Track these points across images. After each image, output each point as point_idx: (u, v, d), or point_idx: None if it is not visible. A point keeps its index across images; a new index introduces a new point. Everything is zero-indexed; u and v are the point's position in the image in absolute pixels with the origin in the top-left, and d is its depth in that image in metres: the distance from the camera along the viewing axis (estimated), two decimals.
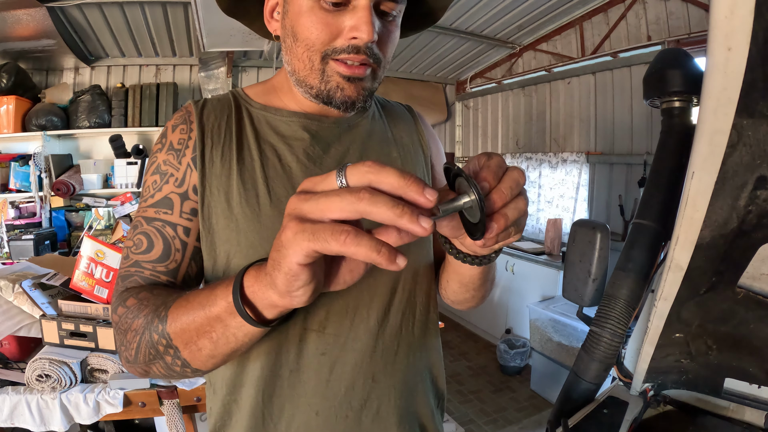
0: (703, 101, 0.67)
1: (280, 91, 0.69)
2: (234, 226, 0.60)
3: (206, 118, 0.64)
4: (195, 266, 0.64)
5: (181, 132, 0.63)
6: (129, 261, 0.61)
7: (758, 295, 0.81)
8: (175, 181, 0.62)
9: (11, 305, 1.42)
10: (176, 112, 0.66)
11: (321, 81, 0.60)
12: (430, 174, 0.78)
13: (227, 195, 0.61)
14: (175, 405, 1.32)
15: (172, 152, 0.63)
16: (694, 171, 0.73)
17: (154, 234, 0.61)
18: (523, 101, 3.99)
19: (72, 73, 3.67)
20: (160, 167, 0.63)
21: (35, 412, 1.25)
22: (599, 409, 0.97)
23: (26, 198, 3.36)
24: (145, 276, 0.60)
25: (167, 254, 0.61)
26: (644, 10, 2.87)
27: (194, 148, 0.62)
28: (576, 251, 1.01)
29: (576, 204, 3.47)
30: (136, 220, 0.63)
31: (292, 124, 0.66)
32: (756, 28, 0.57)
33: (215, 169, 0.62)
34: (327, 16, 0.56)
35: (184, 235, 0.62)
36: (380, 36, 0.58)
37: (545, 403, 2.91)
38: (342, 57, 0.57)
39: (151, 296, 0.55)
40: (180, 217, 0.61)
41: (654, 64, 0.99)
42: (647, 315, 0.94)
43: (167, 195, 0.62)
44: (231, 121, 0.65)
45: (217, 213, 0.61)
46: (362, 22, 0.55)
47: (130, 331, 0.54)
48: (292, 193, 0.57)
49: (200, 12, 2.65)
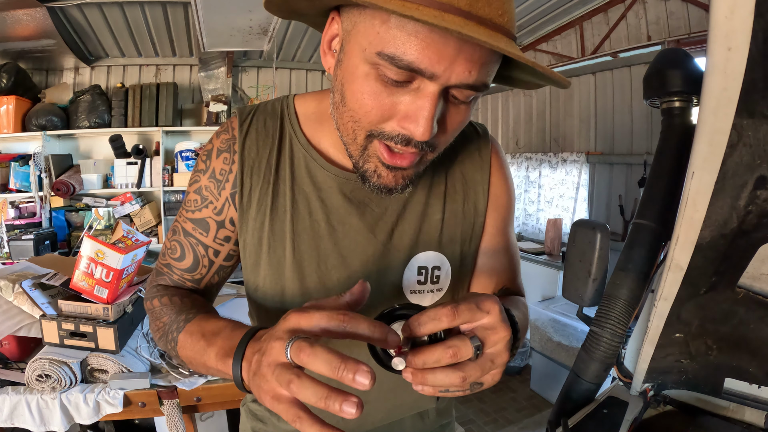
0: (703, 101, 0.67)
1: (328, 121, 0.63)
2: (259, 270, 0.66)
3: (248, 151, 0.64)
4: (218, 277, 0.71)
5: (224, 162, 0.65)
6: (164, 261, 0.69)
7: (758, 295, 0.81)
8: (214, 209, 0.66)
9: (11, 305, 1.42)
10: (223, 127, 0.66)
11: (360, 157, 0.54)
12: (480, 230, 0.71)
13: (259, 240, 0.64)
14: (175, 405, 1.32)
15: (213, 180, 0.65)
16: (694, 171, 0.73)
17: (188, 248, 0.67)
18: (523, 101, 3.99)
19: (72, 73, 3.67)
20: (201, 190, 0.66)
21: (35, 412, 1.25)
22: (599, 409, 0.97)
23: (26, 198, 3.36)
24: (174, 279, 0.69)
25: (195, 267, 0.68)
26: (644, 10, 2.87)
27: (233, 183, 0.64)
28: (576, 251, 1.01)
29: (576, 204, 3.47)
30: (176, 225, 0.69)
31: (328, 179, 0.63)
32: (756, 28, 0.57)
33: (251, 212, 0.64)
34: (383, 91, 0.47)
35: (213, 256, 0.68)
36: (444, 124, 0.50)
37: (545, 403, 2.91)
38: (389, 143, 0.50)
39: (170, 306, 0.64)
40: (213, 241, 0.67)
41: (654, 64, 0.99)
42: (647, 315, 0.94)
43: (206, 218, 0.66)
44: (272, 157, 0.64)
45: (249, 251, 0.66)
46: (420, 116, 0.46)
47: (157, 322, 0.65)
48: (314, 251, 0.63)
49: (200, 12, 2.65)
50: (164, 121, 3.58)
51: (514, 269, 0.73)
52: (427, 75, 0.44)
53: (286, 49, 3.84)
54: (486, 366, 0.40)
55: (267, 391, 0.38)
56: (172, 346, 0.61)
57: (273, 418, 0.78)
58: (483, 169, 0.70)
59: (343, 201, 0.63)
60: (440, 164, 0.67)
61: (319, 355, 0.36)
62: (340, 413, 0.35)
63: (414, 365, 0.39)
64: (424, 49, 0.43)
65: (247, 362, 0.44)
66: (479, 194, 0.70)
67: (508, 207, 0.73)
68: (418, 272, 0.67)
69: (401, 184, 0.55)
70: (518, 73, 0.57)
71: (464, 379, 0.39)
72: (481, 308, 0.39)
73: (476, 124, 0.73)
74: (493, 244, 0.72)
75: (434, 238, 0.67)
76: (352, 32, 0.48)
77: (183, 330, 0.59)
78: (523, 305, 0.65)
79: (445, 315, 0.38)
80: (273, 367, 0.38)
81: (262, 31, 3.11)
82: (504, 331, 0.40)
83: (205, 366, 0.54)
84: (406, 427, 0.80)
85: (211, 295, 0.72)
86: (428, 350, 0.39)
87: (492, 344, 0.40)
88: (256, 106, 0.67)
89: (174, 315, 0.62)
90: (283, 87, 4.16)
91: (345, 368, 0.35)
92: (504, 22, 0.45)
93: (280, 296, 0.65)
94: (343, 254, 0.64)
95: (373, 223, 0.64)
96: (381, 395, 0.72)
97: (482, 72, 0.46)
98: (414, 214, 0.66)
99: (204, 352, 0.53)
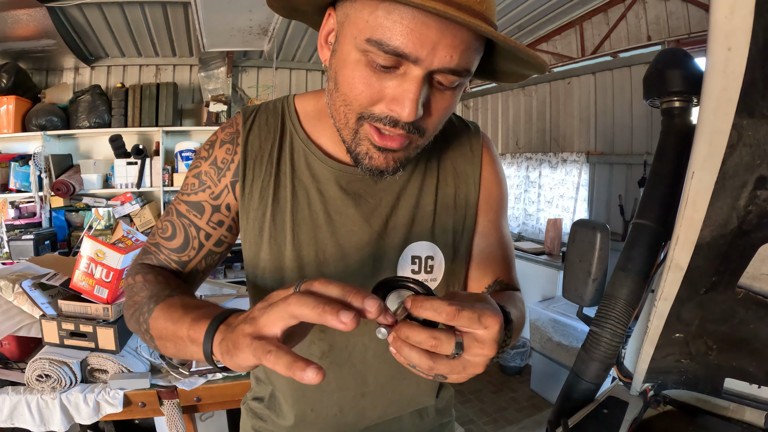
0: (703, 101, 0.67)
1: (326, 117, 0.66)
2: (259, 259, 0.68)
3: (251, 145, 0.67)
4: (204, 263, 0.70)
5: (227, 152, 0.68)
6: (153, 240, 0.69)
7: (758, 295, 0.81)
8: (211, 193, 0.68)
9: (11, 305, 1.42)
10: (228, 122, 0.70)
11: (352, 140, 0.57)
12: (472, 222, 0.73)
13: (260, 230, 0.67)
14: (175, 405, 1.32)
15: (214, 167, 0.68)
16: (694, 171, 0.73)
17: (180, 228, 0.68)
18: (523, 101, 3.99)
19: (72, 73, 3.67)
20: (201, 175, 0.68)
21: (35, 412, 1.25)
22: (599, 409, 0.97)
23: (26, 198, 3.36)
24: (160, 258, 0.68)
25: (184, 248, 0.68)
26: (644, 10, 2.87)
27: (235, 173, 0.67)
28: (576, 251, 1.01)
29: (576, 204, 3.47)
30: (170, 207, 0.70)
31: (326, 171, 0.67)
32: (756, 28, 0.57)
33: (253, 203, 0.67)
34: (372, 75, 0.51)
35: (204, 239, 0.68)
36: (429, 108, 0.53)
37: (545, 403, 2.91)
38: (378, 125, 0.53)
39: (154, 283, 0.63)
40: (206, 224, 0.68)
41: (654, 64, 0.99)
42: (647, 315, 0.94)
43: (201, 201, 0.68)
44: (274, 151, 0.67)
45: (249, 241, 0.68)
46: (406, 98, 0.50)
47: (131, 300, 0.63)
48: (313, 240, 0.65)
49: (200, 12, 2.65)
50: (164, 121, 3.58)
51: (508, 262, 0.74)
52: (412, 59, 0.48)
53: (286, 49, 3.85)
54: (456, 368, 0.42)
55: (245, 334, 0.40)
56: (145, 318, 0.57)
57: (273, 416, 0.78)
58: (474, 163, 0.73)
59: (340, 192, 0.66)
60: (433, 158, 0.71)
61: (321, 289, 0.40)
62: (333, 322, 0.37)
63: (398, 334, 0.41)
64: (408, 34, 0.47)
65: (227, 324, 0.45)
66: (470, 187, 0.73)
67: (501, 200, 0.76)
68: (412, 261, 0.69)
69: (392, 166, 0.58)
70: (501, 64, 0.59)
71: (431, 369, 0.41)
72: (481, 322, 0.40)
73: (468, 122, 0.76)
74: (487, 237, 0.74)
75: (427, 228, 0.70)
76: (345, 24, 0.52)
77: (163, 301, 0.57)
78: (520, 302, 0.67)
79: (446, 312, 0.39)
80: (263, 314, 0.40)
81: (262, 31, 3.11)
82: (490, 351, 0.41)
83: (174, 336, 0.51)
84: (405, 425, 0.80)
85: (194, 282, 0.71)
86: (416, 330, 0.40)
87: (473, 355, 0.41)
88: (259, 106, 0.71)
89: (156, 290, 0.61)
90: (283, 87, 4.16)
91: (330, 309, 0.37)
92: (483, 10, 0.49)
93: (279, 285, 0.66)
94: (341, 243, 0.67)
95: (368, 213, 0.67)
96: (378, 388, 0.73)
97: (463, 57, 0.50)
98: (407, 206, 0.69)
99: (179, 319, 0.51)
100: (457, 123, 0.75)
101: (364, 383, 0.73)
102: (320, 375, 0.36)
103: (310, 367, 0.36)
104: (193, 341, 0.48)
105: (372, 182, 0.68)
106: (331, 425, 0.74)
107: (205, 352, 0.45)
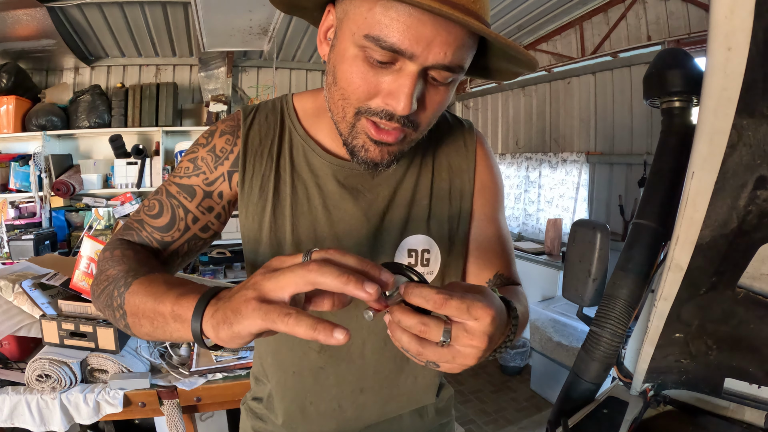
0: (703, 101, 0.67)
1: (324, 115, 0.68)
2: (258, 254, 0.68)
3: (251, 140, 0.68)
4: (187, 247, 0.69)
5: (227, 142, 0.68)
6: (137, 217, 0.68)
7: (758, 295, 0.81)
8: (205, 179, 0.68)
9: (11, 305, 1.42)
10: (229, 117, 0.71)
11: (349, 134, 0.58)
12: (467, 215, 0.74)
13: (260, 224, 0.68)
14: (175, 405, 1.32)
15: (212, 154, 0.68)
16: (694, 171, 0.73)
17: (167, 207, 0.67)
18: (523, 101, 3.99)
19: (72, 73, 3.67)
20: (197, 160, 0.68)
21: (35, 412, 1.25)
22: (599, 409, 0.97)
23: (26, 198, 3.36)
24: (142, 235, 0.66)
25: (169, 228, 0.67)
26: (644, 10, 2.87)
27: (233, 163, 0.68)
28: (576, 251, 1.01)
29: (576, 204, 3.47)
30: (161, 187, 0.69)
31: (324, 166, 0.68)
32: (756, 28, 0.57)
33: (253, 197, 0.68)
34: (369, 70, 0.52)
35: (191, 222, 0.68)
36: (424, 102, 0.55)
37: (545, 403, 2.91)
38: (374, 119, 0.55)
39: (132, 258, 0.60)
40: (196, 208, 0.68)
41: (654, 64, 0.99)
42: (647, 315, 0.94)
43: (194, 185, 0.68)
44: (273, 147, 0.68)
45: (249, 236, 0.69)
46: (401, 92, 0.51)
47: (103, 275, 0.59)
48: (312, 234, 0.66)
49: (200, 12, 2.65)
50: (164, 121, 3.58)
51: (507, 257, 0.74)
52: (407, 55, 0.50)
53: (286, 49, 3.84)
54: (444, 357, 0.42)
55: (249, 297, 0.39)
56: (120, 293, 0.54)
57: (272, 416, 0.78)
58: (468, 159, 0.75)
59: (338, 187, 0.68)
60: (428, 153, 0.73)
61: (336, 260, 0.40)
62: (357, 292, 0.37)
63: (392, 317, 0.42)
64: (404, 31, 0.48)
65: (218, 299, 0.43)
66: (465, 181, 0.74)
67: (497, 195, 0.76)
68: (408, 255, 0.70)
69: (386, 159, 0.59)
70: (494, 62, 0.61)
71: (420, 354, 0.41)
72: (470, 312, 0.40)
73: (462, 119, 0.78)
74: (484, 231, 0.74)
75: (423, 222, 0.71)
76: (344, 20, 0.54)
77: (143, 276, 0.54)
78: (524, 297, 0.67)
79: (434, 301, 0.39)
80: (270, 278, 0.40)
81: (262, 31, 3.11)
82: (479, 343, 0.41)
83: (153, 312, 0.48)
84: (405, 425, 0.80)
85: (172, 265, 0.69)
86: (407, 315, 0.41)
87: (462, 345, 0.41)
88: (258, 104, 0.72)
89: (135, 265, 0.57)
90: (283, 87, 4.16)
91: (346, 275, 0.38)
92: (476, 9, 0.51)
93: None
94: (339, 237, 0.68)
95: (366, 207, 0.68)
96: (376, 383, 0.74)
97: (457, 54, 0.51)
98: (403, 200, 0.70)
99: (162, 294, 0.48)
100: (451, 120, 0.77)
101: (363, 378, 0.73)
102: (348, 335, 0.36)
103: (337, 328, 0.36)
104: (176, 317, 0.45)
105: (369, 177, 0.68)
106: (331, 420, 0.75)
107: (193, 329, 0.43)
